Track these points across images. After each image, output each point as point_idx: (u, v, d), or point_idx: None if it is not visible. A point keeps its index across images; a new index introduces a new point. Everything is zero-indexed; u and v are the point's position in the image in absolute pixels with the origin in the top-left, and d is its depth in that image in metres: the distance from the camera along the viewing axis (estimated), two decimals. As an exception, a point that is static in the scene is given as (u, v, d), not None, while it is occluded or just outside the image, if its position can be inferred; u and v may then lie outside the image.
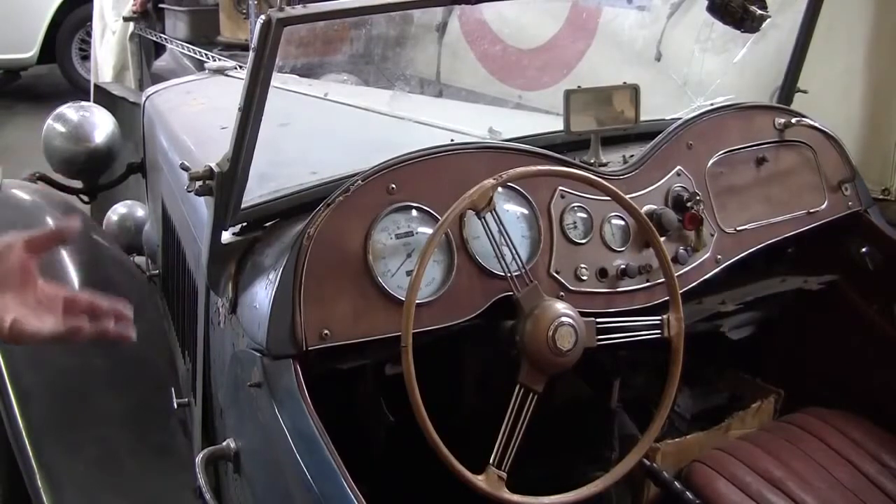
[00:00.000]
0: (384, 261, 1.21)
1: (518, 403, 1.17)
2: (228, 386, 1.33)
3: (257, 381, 1.16)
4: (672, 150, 1.46)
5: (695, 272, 1.43)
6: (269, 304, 1.17)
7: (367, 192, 1.22)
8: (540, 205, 1.32)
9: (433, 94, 2.91)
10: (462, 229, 1.26)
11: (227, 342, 1.36)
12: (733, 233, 1.48)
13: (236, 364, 1.28)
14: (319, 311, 1.16)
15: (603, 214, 1.36)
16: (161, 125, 2.13)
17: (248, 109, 1.13)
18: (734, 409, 1.61)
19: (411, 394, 1.10)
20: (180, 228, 1.84)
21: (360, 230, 1.20)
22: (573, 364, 1.21)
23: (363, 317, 1.18)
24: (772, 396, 1.64)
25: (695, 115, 1.51)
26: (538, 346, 1.18)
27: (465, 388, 1.50)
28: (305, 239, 1.17)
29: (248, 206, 1.31)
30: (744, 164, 1.53)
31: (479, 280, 1.26)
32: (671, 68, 2.23)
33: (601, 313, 1.29)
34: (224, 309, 1.36)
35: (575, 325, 1.19)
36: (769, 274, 1.59)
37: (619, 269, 1.36)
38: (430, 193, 1.26)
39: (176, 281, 1.89)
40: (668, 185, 1.44)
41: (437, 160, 1.28)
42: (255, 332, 1.20)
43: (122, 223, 2.59)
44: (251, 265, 1.30)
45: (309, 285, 1.16)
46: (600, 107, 1.42)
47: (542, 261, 1.31)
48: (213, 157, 1.22)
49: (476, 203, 1.17)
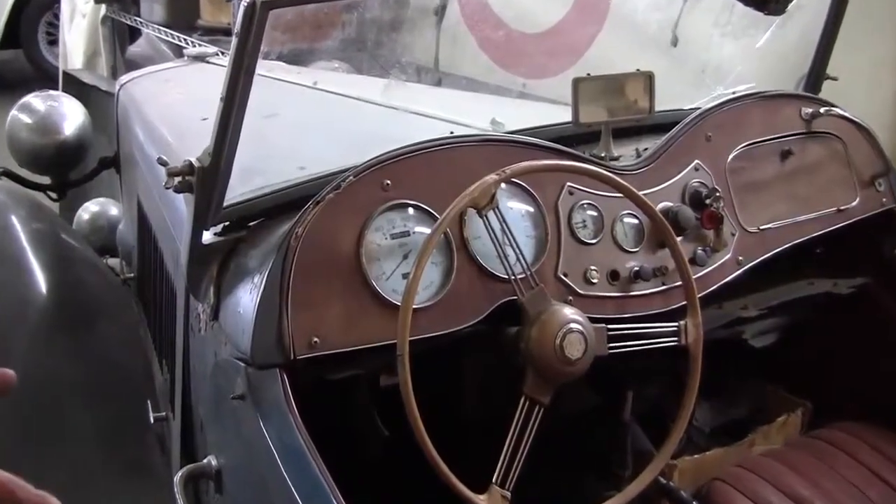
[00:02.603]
0: (378, 263, 1.22)
1: (523, 416, 1.18)
2: (210, 398, 1.34)
3: (241, 392, 1.17)
4: (689, 143, 1.47)
5: (714, 274, 1.43)
6: (254, 309, 1.17)
7: (360, 189, 1.23)
8: (546, 202, 1.33)
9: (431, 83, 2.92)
10: (462, 229, 1.26)
11: (208, 351, 1.37)
12: (756, 232, 1.49)
13: (218, 374, 1.29)
14: (308, 317, 1.16)
15: (614, 212, 1.37)
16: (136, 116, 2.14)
17: (230, 99, 1.14)
18: (757, 423, 1.62)
19: (408, 406, 1.11)
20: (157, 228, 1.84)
21: (352, 230, 1.21)
22: (582, 374, 1.22)
23: (356, 323, 1.19)
24: (798, 409, 1.65)
25: (714, 105, 1.52)
26: (545, 354, 1.18)
27: (465, 399, 1.50)
28: (293, 239, 1.18)
29: (230, 204, 1.31)
30: (768, 158, 1.54)
31: (481, 283, 1.26)
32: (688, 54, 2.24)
33: (613, 319, 1.30)
34: (205, 315, 1.36)
35: (584, 332, 1.20)
36: (795, 276, 1.59)
37: (632, 271, 1.36)
38: (427, 190, 1.26)
39: (153, 285, 1.90)
40: (686, 180, 1.44)
41: (436, 154, 1.29)
42: (238, 340, 1.21)
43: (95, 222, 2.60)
44: (234, 267, 1.31)
45: (297, 289, 1.16)
46: (612, 96, 1.43)
47: (549, 262, 1.31)
48: (193, 150, 1.22)
49: (477, 200, 1.18)
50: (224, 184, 1.24)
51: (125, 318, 2.05)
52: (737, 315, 1.50)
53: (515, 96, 2.67)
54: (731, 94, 1.59)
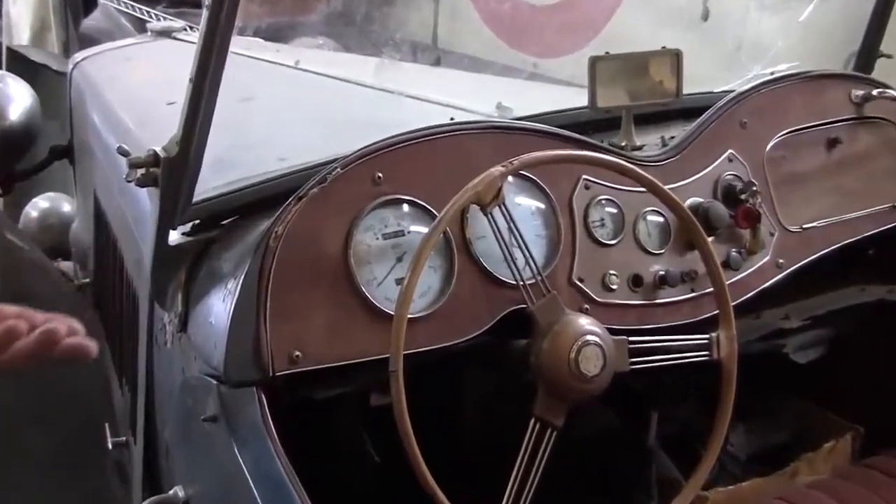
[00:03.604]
0: (369, 266, 1.23)
1: (533, 441, 1.19)
2: (177, 420, 1.34)
3: (212, 413, 1.18)
4: (722, 131, 1.48)
5: (751, 280, 1.44)
6: (228, 319, 1.18)
7: (348, 183, 1.24)
8: (559, 198, 1.34)
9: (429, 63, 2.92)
10: (464, 228, 1.27)
11: (175, 367, 1.38)
12: (798, 231, 1.50)
13: (186, 393, 1.30)
14: (289, 327, 1.17)
15: (637, 209, 1.38)
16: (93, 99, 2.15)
17: (201, 81, 1.15)
18: (801, 450, 1.62)
19: (402, 428, 1.11)
20: (117, 227, 1.85)
21: (339, 229, 1.22)
22: (600, 392, 1.22)
23: (343, 335, 1.20)
24: (848, 434, 1.65)
25: (750, 87, 1.53)
26: (558, 370, 1.19)
27: (467, 421, 1.51)
28: (272, 240, 1.19)
29: (201, 200, 1.32)
30: (812, 147, 1.55)
31: (485, 290, 1.27)
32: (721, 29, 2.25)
33: (635, 330, 1.31)
34: (171, 326, 1.37)
35: (602, 345, 1.20)
36: (844, 282, 1.60)
37: (656, 276, 1.37)
38: (424, 184, 1.28)
39: (112, 292, 1.91)
40: (718, 172, 1.45)
41: (434, 143, 1.30)
42: (210, 354, 1.22)
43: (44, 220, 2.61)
44: (206, 272, 1.32)
45: (277, 296, 1.17)
46: (634, 77, 1.44)
47: (563, 266, 1.33)
48: (159, 138, 1.23)
49: (481, 196, 1.19)
50: (193, 176, 1.25)
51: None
52: (776, 326, 1.51)
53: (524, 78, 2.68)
54: (770, 75, 1.60)
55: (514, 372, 1.26)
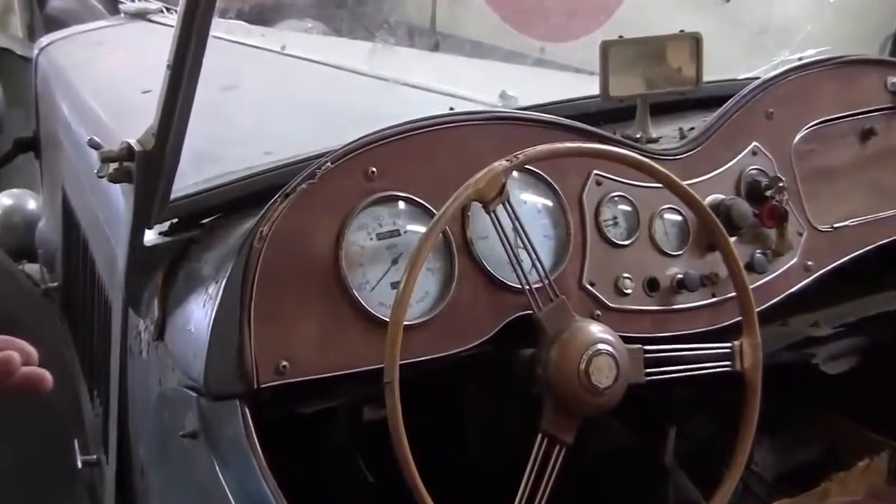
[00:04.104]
0: (362, 269, 1.23)
1: (540, 459, 1.19)
2: (153, 437, 1.35)
3: (192, 429, 1.18)
4: (746, 122, 1.48)
5: (777, 284, 1.45)
6: (208, 326, 1.19)
7: (339, 178, 1.24)
8: (569, 194, 1.34)
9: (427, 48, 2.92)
10: (465, 227, 1.28)
11: (150, 378, 1.38)
12: (829, 231, 1.51)
13: (163, 407, 1.30)
14: (275, 335, 1.17)
15: (653, 207, 1.38)
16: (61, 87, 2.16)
17: (179, 67, 1.15)
18: (832, 469, 1.62)
19: (397, 445, 1.12)
20: (88, 226, 1.86)
21: (329, 228, 1.22)
22: (613, 406, 1.23)
23: (334, 343, 1.20)
24: (884, 452, 1.65)
25: (776, 74, 1.54)
26: (567, 381, 1.20)
27: (469, 438, 1.51)
28: (257, 240, 1.19)
29: (180, 197, 1.32)
30: (844, 139, 1.55)
31: (488, 294, 1.28)
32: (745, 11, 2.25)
33: (651, 338, 1.31)
34: (147, 334, 1.38)
35: (615, 355, 1.21)
36: (877, 287, 1.61)
37: (674, 279, 1.38)
38: (422, 180, 1.28)
39: (82, 296, 1.91)
40: (741, 167, 1.46)
41: (432, 135, 1.30)
42: (188, 365, 1.22)
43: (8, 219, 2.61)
44: (184, 275, 1.32)
45: (261, 302, 1.17)
46: (649, 64, 1.44)
47: (572, 268, 1.33)
48: (133, 130, 1.23)
49: (484, 192, 1.19)
50: (171, 171, 1.25)
51: (47, 337, 2.06)
52: (805, 334, 1.51)
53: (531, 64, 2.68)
54: (798, 61, 1.60)
55: (519, 384, 1.26)
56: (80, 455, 1.68)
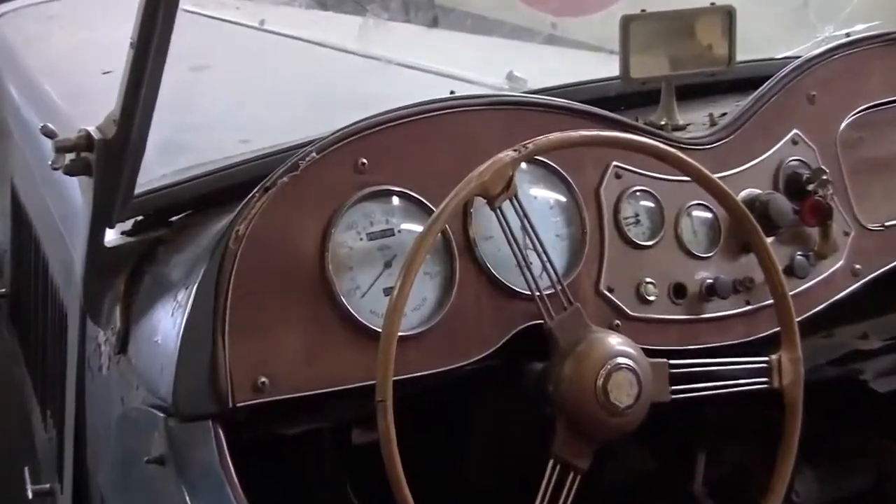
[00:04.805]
0: (351, 273, 1.24)
1: (552, 487, 1.18)
2: (114, 463, 1.35)
3: (159, 454, 1.18)
4: (785, 106, 1.48)
5: (820, 290, 1.45)
6: (178, 338, 1.18)
7: (326, 171, 1.24)
8: (584, 189, 1.34)
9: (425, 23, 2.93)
10: (467, 226, 1.28)
11: (112, 396, 1.38)
12: (880, 230, 1.51)
13: (126, 429, 1.30)
14: (253, 348, 1.17)
15: (679, 203, 1.39)
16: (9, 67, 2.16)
17: (144, 45, 1.15)
18: (883, 500, 1.63)
19: (391, 471, 1.11)
20: (40, 224, 1.86)
21: (314, 227, 1.22)
22: (635, 428, 1.23)
23: (319, 357, 1.20)
24: (942, 480, 1.66)
25: (820, 53, 1.54)
26: (582, 400, 1.19)
27: (471, 462, 1.51)
28: (232, 241, 1.19)
29: (145, 192, 1.33)
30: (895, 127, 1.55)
31: (493, 302, 1.28)
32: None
33: (677, 352, 1.32)
34: (108, 346, 1.38)
35: (637, 370, 1.21)
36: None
37: (703, 285, 1.38)
38: (419, 172, 1.28)
39: (33, 304, 1.91)
40: (779, 158, 1.46)
41: (430, 122, 1.30)
42: (155, 382, 1.22)
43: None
44: (150, 280, 1.32)
45: (238, 310, 1.17)
46: (676, 41, 1.44)
47: (588, 272, 1.33)
48: (92, 116, 1.23)
49: (488, 186, 1.19)
50: (136, 163, 1.25)
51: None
52: (852, 347, 1.51)
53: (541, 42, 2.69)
54: (845, 37, 1.61)
55: (528, 402, 1.26)
56: (30, 484, 1.68)
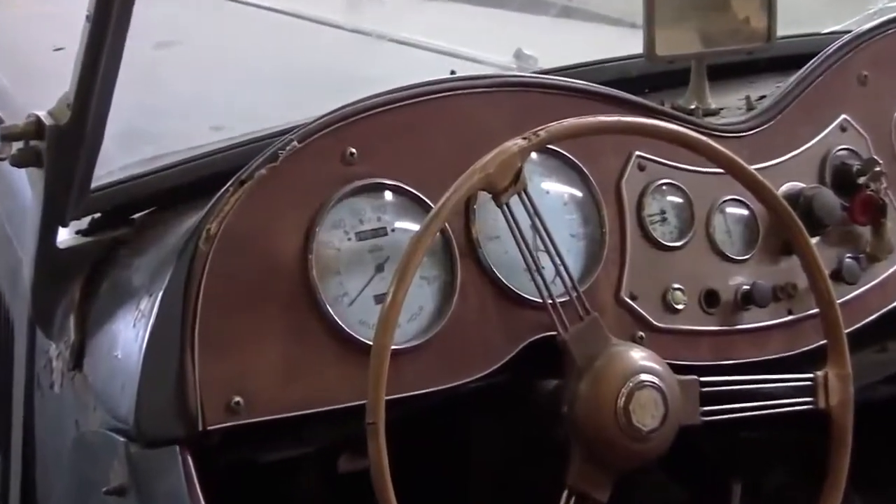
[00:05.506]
0: (338, 278, 1.23)
1: (567, 520, 1.19)
2: (68, 492, 1.35)
3: (119, 483, 1.18)
4: (833, 88, 1.48)
5: (873, 298, 1.45)
6: (140, 352, 1.18)
7: (309, 162, 1.24)
8: (603, 182, 1.34)
9: (421, -7, 2.94)
10: (470, 225, 1.28)
11: (65, 418, 1.38)
12: None
13: (82, 455, 1.30)
14: (227, 364, 1.17)
15: (711, 199, 1.38)
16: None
17: (102, 19, 1.14)
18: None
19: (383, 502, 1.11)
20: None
21: (296, 226, 1.22)
22: (661, 454, 1.22)
23: (301, 374, 1.20)
24: None
25: (872, 27, 1.54)
26: (601, 423, 1.19)
27: (474, 491, 1.51)
28: (203, 241, 1.18)
29: (104, 185, 1.32)
30: None
31: (500, 310, 1.28)
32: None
33: (709, 367, 1.31)
34: (61, 361, 1.37)
35: (663, 388, 1.20)
36: None
37: (739, 292, 1.38)
38: (414, 164, 1.28)
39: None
40: (826, 147, 1.46)
41: (428, 107, 1.30)
42: (115, 402, 1.22)
43: None
44: (109, 286, 1.32)
45: (209, 320, 1.17)
46: (708, 14, 1.44)
47: (607, 277, 1.33)
48: (43, 100, 1.23)
49: (494, 180, 1.19)
50: (92, 152, 1.25)
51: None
52: None
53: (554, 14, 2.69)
54: (899, 11, 1.61)
55: (538, 425, 1.26)
56: None
